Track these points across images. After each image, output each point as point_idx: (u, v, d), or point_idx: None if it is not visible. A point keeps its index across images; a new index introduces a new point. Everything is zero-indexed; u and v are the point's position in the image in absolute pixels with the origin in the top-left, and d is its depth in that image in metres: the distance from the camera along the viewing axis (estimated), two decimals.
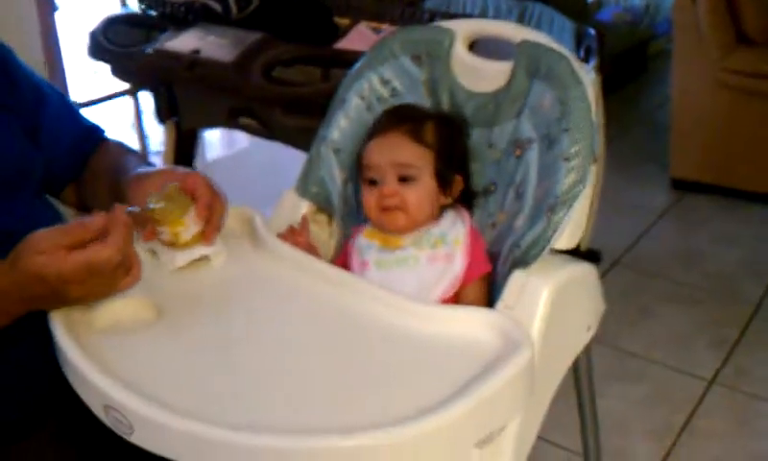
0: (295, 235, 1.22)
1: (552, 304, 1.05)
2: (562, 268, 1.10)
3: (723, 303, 2.64)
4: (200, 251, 1.12)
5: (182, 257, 1.12)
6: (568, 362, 1.15)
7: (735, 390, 2.23)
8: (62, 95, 1.32)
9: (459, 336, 0.98)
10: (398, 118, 1.25)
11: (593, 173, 1.13)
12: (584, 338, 1.17)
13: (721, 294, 2.69)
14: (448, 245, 1.18)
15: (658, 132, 3.81)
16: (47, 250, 0.92)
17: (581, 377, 1.30)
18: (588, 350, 1.23)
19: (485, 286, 1.19)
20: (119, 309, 1.04)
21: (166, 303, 1.06)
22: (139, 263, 1.01)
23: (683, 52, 3.30)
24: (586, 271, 1.15)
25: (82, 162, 1.29)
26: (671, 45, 3.44)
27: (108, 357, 0.95)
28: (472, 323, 0.99)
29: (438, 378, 0.91)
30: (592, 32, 2.18)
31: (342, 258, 1.26)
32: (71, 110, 1.32)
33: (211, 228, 1.11)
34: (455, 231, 1.20)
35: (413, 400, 0.86)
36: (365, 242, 1.23)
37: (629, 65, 4.68)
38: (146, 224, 1.09)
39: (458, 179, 1.24)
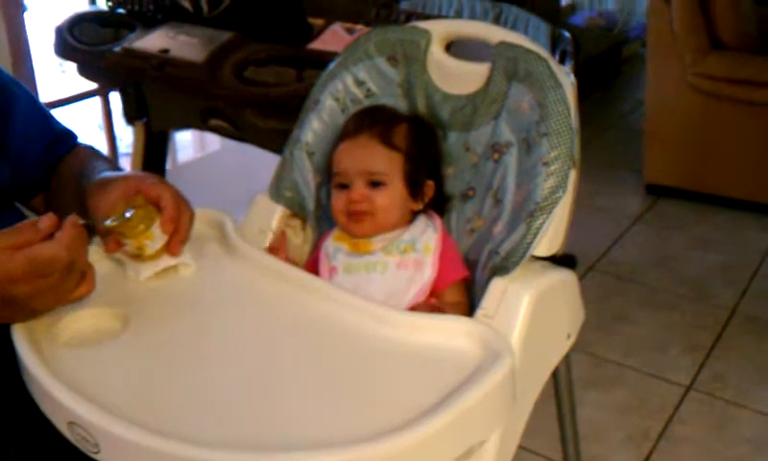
0: (273, 252, 1.19)
1: (532, 312, 1.03)
2: (542, 275, 1.07)
3: (698, 309, 2.63)
4: (165, 262, 1.08)
5: (148, 269, 1.08)
6: (548, 371, 1.12)
7: (712, 396, 2.22)
8: (34, 98, 1.27)
9: (437, 346, 0.95)
10: (369, 121, 1.22)
11: (572, 178, 1.10)
12: (564, 346, 1.14)
13: (696, 299, 2.69)
14: (418, 252, 1.16)
15: (631, 136, 3.81)
16: None
17: (560, 386, 1.27)
18: (567, 358, 1.20)
19: (463, 291, 1.17)
20: (84, 321, 1.01)
21: (133, 313, 1.02)
22: (94, 272, 0.97)
23: (656, 56, 3.30)
24: (566, 278, 1.12)
25: (52, 169, 1.25)
26: (645, 49, 3.44)
27: (73, 371, 0.91)
28: (451, 332, 0.96)
29: (415, 391, 0.88)
30: (567, 35, 2.17)
31: (312, 263, 1.23)
32: (43, 115, 1.27)
33: (176, 240, 1.07)
34: (426, 238, 1.17)
35: (388, 415, 0.83)
36: (333, 246, 1.20)
37: (602, 69, 4.69)
38: (108, 236, 1.06)
39: (429, 184, 1.22)
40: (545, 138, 1.10)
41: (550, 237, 1.08)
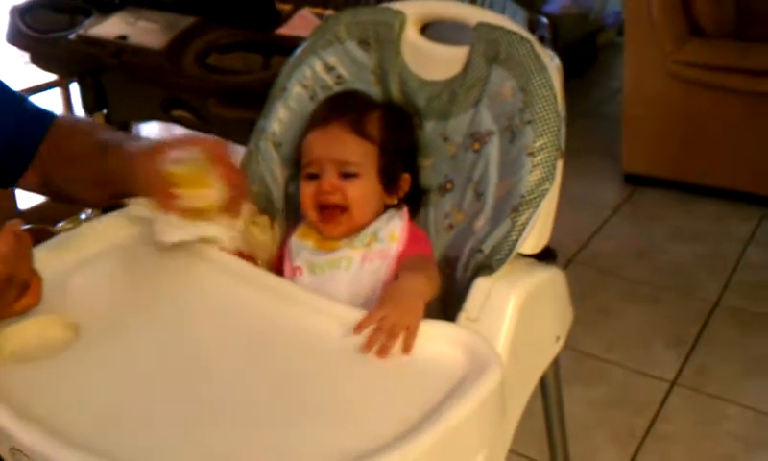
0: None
1: (519, 314, 0.96)
2: (529, 274, 1.00)
3: (680, 301, 2.57)
4: (199, 233, 1.01)
5: (178, 234, 1.00)
6: (537, 378, 1.05)
7: (697, 391, 2.16)
8: (4, 84, 1.19)
9: (419, 356, 0.87)
10: (341, 108, 1.14)
11: (559, 169, 1.02)
12: (553, 349, 1.07)
13: (678, 291, 2.63)
14: (382, 241, 1.08)
15: (608, 124, 3.75)
16: None
17: (548, 390, 1.20)
18: (556, 361, 1.12)
19: (424, 261, 1.07)
20: (29, 331, 0.92)
21: (85, 321, 0.93)
22: (40, 282, 0.88)
23: (634, 44, 3.24)
24: (553, 276, 1.05)
25: (30, 150, 1.16)
26: (620, 37, 3.38)
27: (16, 390, 0.83)
28: (433, 339, 0.88)
29: (396, 407, 0.80)
30: (545, 20, 2.10)
31: (277, 262, 1.15)
32: (12, 98, 1.19)
33: (237, 198, 1.02)
34: (390, 226, 1.09)
35: (367, 435, 0.76)
36: (297, 244, 1.12)
37: (577, 57, 4.63)
38: (165, 189, 0.98)
39: (405, 177, 1.14)
40: (530, 126, 1.03)
41: (537, 233, 1.01)
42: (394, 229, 1.09)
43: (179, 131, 3.19)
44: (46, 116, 1.21)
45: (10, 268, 0.84)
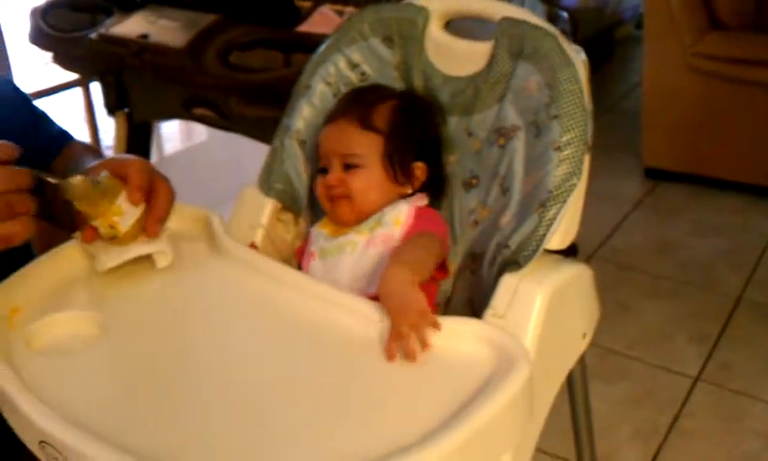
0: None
1: (547, 311, 0.94)
2: (556, 270, 0.98)
3: (703, 296, 2.56)
4: (136, 250, 0.99)
5: (114, 258, 0.98)
6: (563, 376, 1.03)
7: (721, 387, 2.15)
8: (28, 99, 1.21)
9: (446, 353, 0.86)
10: (350, 103, 1.16)
11: (586, 164, 1.01)
12: (579, 347, 1.05)
13: (700, 286, 2.61)
14: (386, 225, 1.09)
15: (628, 119, 3.73)
16: None
17: (575, 387, 1.18)
18: (582, 358, 1.11)
19: (425, 239, 1.06)
20: (59, 326, 0.93)
21: (112, 317, 0.94)
22: (31, 212, 0.89)
23: (653, 37, 3.22)
24: (581, 272, 1.03)
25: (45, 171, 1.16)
26: (638, 30, 3.36)
27: (46, 384, 0.83)
28: (461, 336, 0.87)
29: (422, 405, 0.79)
30: (565, 15, 2.09)
31: (299, 253, 1.18)
32: (35, 115, 1.22)
33: (152, 218, 0.98)
34: (396, 211, 1.10)
35: (391, 433, 0.75)
36: (316, 232, 1.15)
37: (595, 52, 4.59)
38: (82, 225, 0.97)
39: (419, 165, 1.14)
40: (556, 121, 1.02)
41: (564, 229, 1.00)
42: (399, 213, 1.10)
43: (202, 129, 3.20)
44: (63, 137, 1.22)
45: None
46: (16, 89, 1.19)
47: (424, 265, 0.99)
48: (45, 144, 1.20)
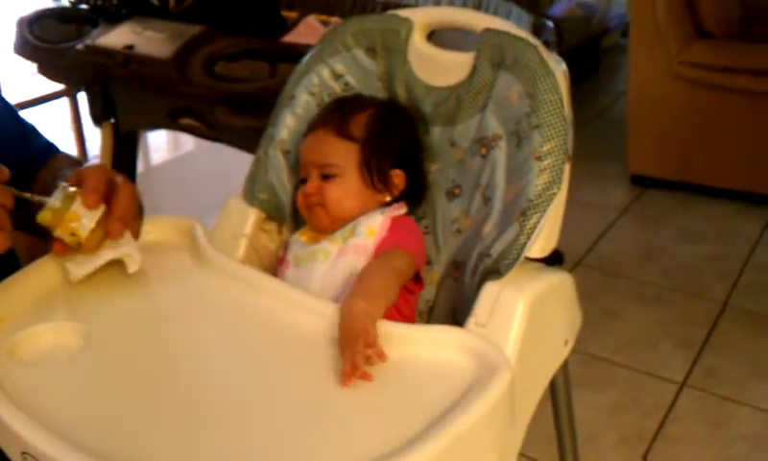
0: None
1: (528, 319, 0.95)
2: (537, 278, 0.99)
3: (688, 303, 2.57)
4: (104, 257, 0.98)
5: (84, 267, 0.98)
6: (545, 382, 1.04)
7: (707, 393, 2.16)
8: (14, 111, 1.21)
9: (427, 360, 0.87)
10: (329, 113, 1.18)
11: (567, 173, 1.02)
12: (562, 354, 1.06)
13: (686, 293, 2.63)
14: (359, 235, 1.09)
15: (614, 127, 3.75)
16: None
17: (558, 394, 1.19)
18: (565, 364, 1.12)
19: (399, 253, 1.06)
20: (42, 337, 0.93)
21: (95, 328, 0.94)
22: (7, 228, 0.89)
23: (639, 45, 3.24)
24: (562, 280, 1.04)
25: (30, 179, 1.17)
26: (624, 39, 3.38)
27: (29, 394, 0.83)
28: (442, 344, 0.88)
29: (404, 412, 0.80)
30: (551, 25, 2.10)
31: (280, 262, 1.18)
32: (23, 128, 1.22)
33: (113, 217, 0.96)
34: (370, 222, 1.10)
35: (373, 441, 0.75)
36: (294, 240, 1.16)
37: (582, 61, 4.62)
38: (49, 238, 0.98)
39: (397, 173, 1.15)
40: (537, 131, 1.03)
41: (545, 237, 1.00)
42: (373, 223, 1.10)
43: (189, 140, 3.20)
44: (49, 149, 1.23)
45: None
46: (3, 101, 1.19)
47: (385, 293, 0.97)
48: (32, 156, 1.20)
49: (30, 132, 1.23)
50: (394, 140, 1.16)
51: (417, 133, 1.19)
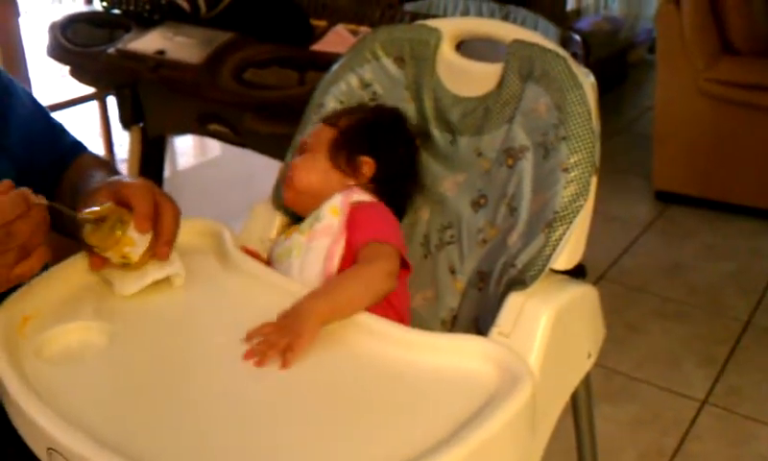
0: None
1: (552, 331, 0.95)
2: (562, 290, 0.99)
3: (711, 320, 2.56)
4: (153, 275, 1.00)
5: (134, 284, 1.00)
6: (567, 395, 1.04)
7: (728, 411, 2.14)
8: (44, 111, 1.23)
9: (450, 369, 0.87)
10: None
11: (593, 185, 1.03)
12: (584, 367, 1.06)
13: (709, 310, 2.61)
14: (323, 218, 1.10)
15: (639, 142, 3.75)
16: None
17: (580, 407, 1.19)
18: (587, 378, 1.12)
19: (382, 249, 1.05)
20: (70, 335, 0.94)
21: (121, 329, 0.95)
22: (44, 253, 0.90)
23: (666, 61, 3.23)
24: (586, 292, 1.04)
25: (58, 177, 1.19)
26: (651, 54, 3.37)
27: (55, 391, 0.84)
28: (465, 353, 0.88)
29: (426, 420, 0.80)
30: (578, 38, 2.09)
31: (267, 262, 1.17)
32: (52, 127, 1.23)
33: (161, 242, 0.98)
34: (332, 202, 1.11)
35: (395, 449, 0.75)
36: (277, 239, 1.18)
37: (608, 74, 4.62)
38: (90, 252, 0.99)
39: (366, 160, 1.16)
40: (564, 142, 1.03)
41: (570, 249, 1.00)
42: (333, 203, 1.11)
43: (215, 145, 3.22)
44: (76, 148, 1.24)
45: (5, 218, 0.84)
46: (34, 101, 1.21)
47: (352, 301, 0.96)
48: (61, 155, 1.21)
49: (59, 131, 1.24)
50: (370, 130, 1.18)
51: (401, 131, 1.21)
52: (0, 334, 0.89)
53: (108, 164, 1.24)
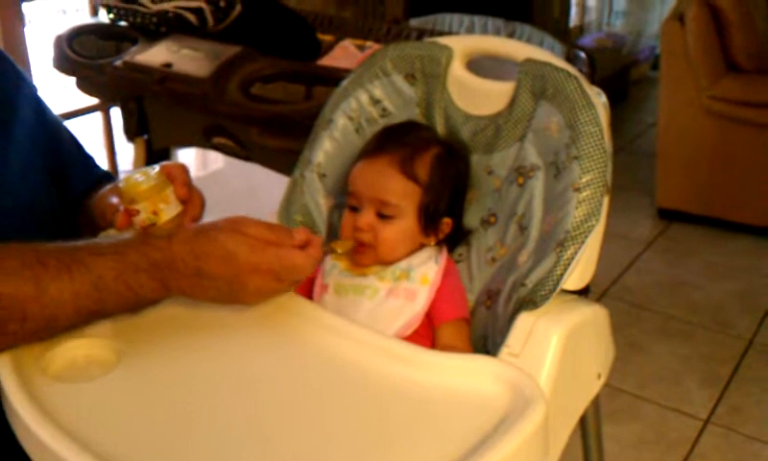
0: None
1: (562, 351, 0.94)
2: (572, 310, 0.99)
3: (714, 338, 2.55)
4: None
5: None
6: (578, 416, 1.03)
7: (731, 430, 2.13)
8: (77, 141, 1.24)
9: (461, 390, 0.86)
10: (393, 142, 1.13)
11: (605, 206, 1.02)
12: (594, 387, 1.06)
13: (712, 328, 2.60)
14: (412, 281, 1.08)
15: (642, 159, 3.75)
16: (249, 234, 0.92)
17: (588, 428, 1.18)
18: (596, 399, 1.11)
19: (462, 334, 1.08)
20: (76, 351, 0.93)
21: (128, 344, 0.94)
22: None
23: (670, 78, 3.24)
24: (597, 313, 1.04)
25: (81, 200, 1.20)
26: (654, 71, 3.38)
27: (60, 409, 0.83)
28: (476, 374, 0.88)
29: (438, 441, 0.80)
30: (583, 55, 2.09)
31: (309, 283, 1.15)
32: (86, 157, 1.25)
33: (189, 217, 1.01)
34: (424, 269, 1.09)
35: None
36: (330, 263, 1.13)
37: (611, 92, 4.61)
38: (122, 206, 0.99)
39: (447, 221, 1.14)
40: (576, 162, 1.03)
41: (581, 269, 1.00)
42: (427, 272, 1.09)
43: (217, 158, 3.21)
44: (107, 178, 1.24)
45: (309, 272, 0.97)
46: (66, 130, 1.22)
47: None
48: (96, 183, 1.20)
49: (91, 159, 1.26)
50: (452, 186, 1.14)
51: (468, 180, 1.18)
52: (4, 353, 0.88)
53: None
